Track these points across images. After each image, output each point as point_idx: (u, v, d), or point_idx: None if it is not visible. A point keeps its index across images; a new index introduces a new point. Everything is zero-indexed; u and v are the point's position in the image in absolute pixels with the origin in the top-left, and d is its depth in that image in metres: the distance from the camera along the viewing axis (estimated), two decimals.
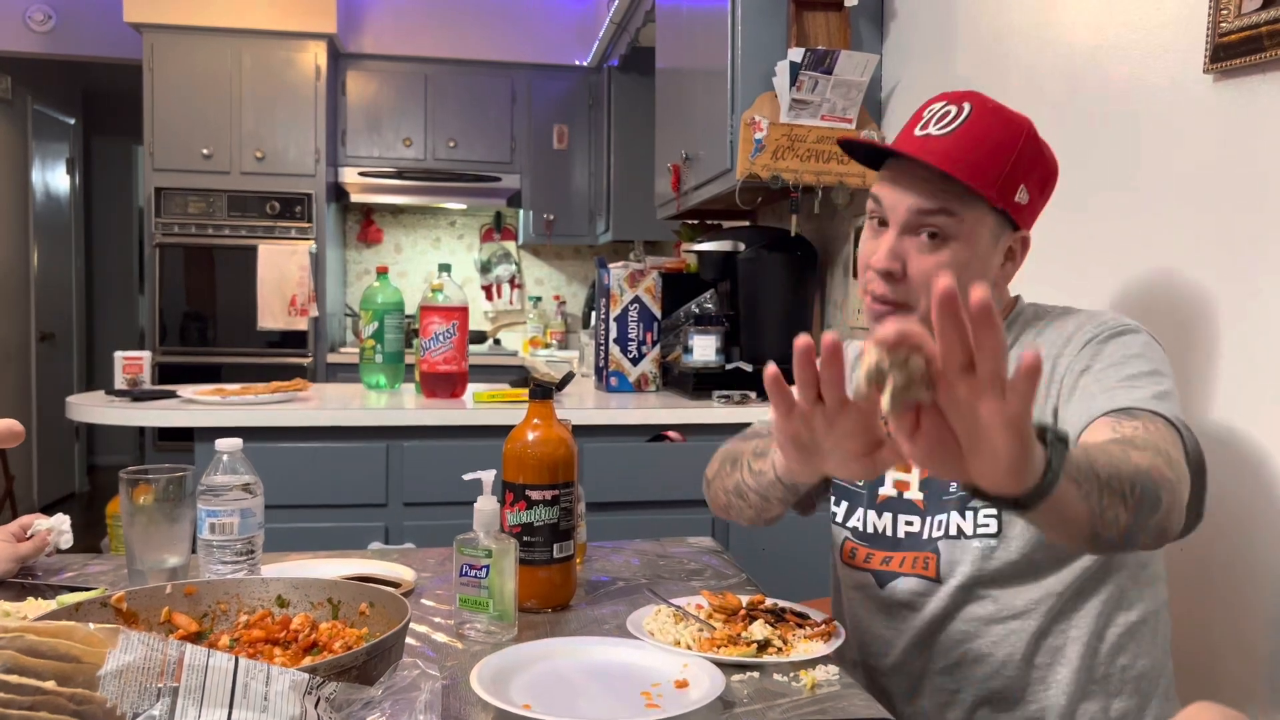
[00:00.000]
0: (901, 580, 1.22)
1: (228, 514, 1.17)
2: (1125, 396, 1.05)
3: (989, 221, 1.14)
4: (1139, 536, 0.93)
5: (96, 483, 6.49)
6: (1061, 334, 1.17)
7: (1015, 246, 1.19)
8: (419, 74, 4.94)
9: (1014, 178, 1.13)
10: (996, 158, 1.13)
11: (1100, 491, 0.86)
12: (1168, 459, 0.95)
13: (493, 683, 0.95)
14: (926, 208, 1.13)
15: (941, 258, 1.13)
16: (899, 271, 1.14)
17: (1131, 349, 1.11)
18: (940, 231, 1.13)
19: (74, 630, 0.66)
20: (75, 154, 6.35)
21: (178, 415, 2.27)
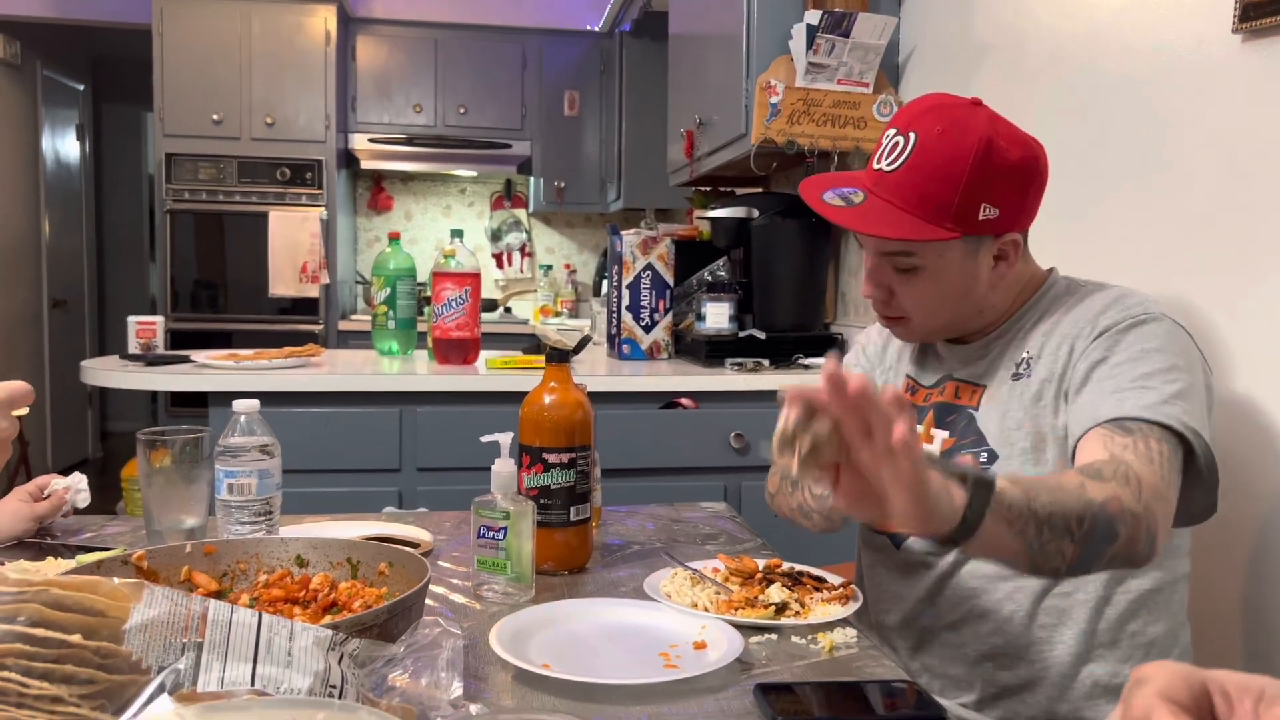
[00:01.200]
0: (914, 540, 1.25)
1: (246, 475, 1.17)
2: (1133, 402, 1.04)
3: (955, 246, 1.16)
4: (1094, 565, 0.96)
5: (109, 448, 6.53)
6: (1085, 315, 1.16)
7: (1005, 248, 1.19)
8: (429, 39, 4.90)
9: (969, 201, 1.13)
10: (943, 189, 1.12)
11: (1038, 528, 0.90)
12: (1137, 487, 0.95)
13: (512, 642, 0.95)
14: (887, 250, 1.19)
15: (920, 286, 1.19)
16: (883, 298, 1.23)
17: (1151, 341, 1.10)
18: (907, 266, 1.18)
19: (99, 584, 0.66)
20: (85, 120, 6.33)
21: (192, 380, 2.27)
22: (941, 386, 1.28)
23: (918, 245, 1.16)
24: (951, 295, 1.19)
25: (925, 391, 1.31)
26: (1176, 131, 1.51)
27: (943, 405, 1.26)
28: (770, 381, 2.42)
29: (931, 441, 1.25)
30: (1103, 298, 1.18)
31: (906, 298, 1.21)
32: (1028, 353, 1.20)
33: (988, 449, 1.19)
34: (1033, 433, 1.16)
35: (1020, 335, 1.22)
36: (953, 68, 2.22)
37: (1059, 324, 1.19)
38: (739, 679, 0.93)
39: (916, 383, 1.33)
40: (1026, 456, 1.16)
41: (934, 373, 1.31)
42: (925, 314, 1.22)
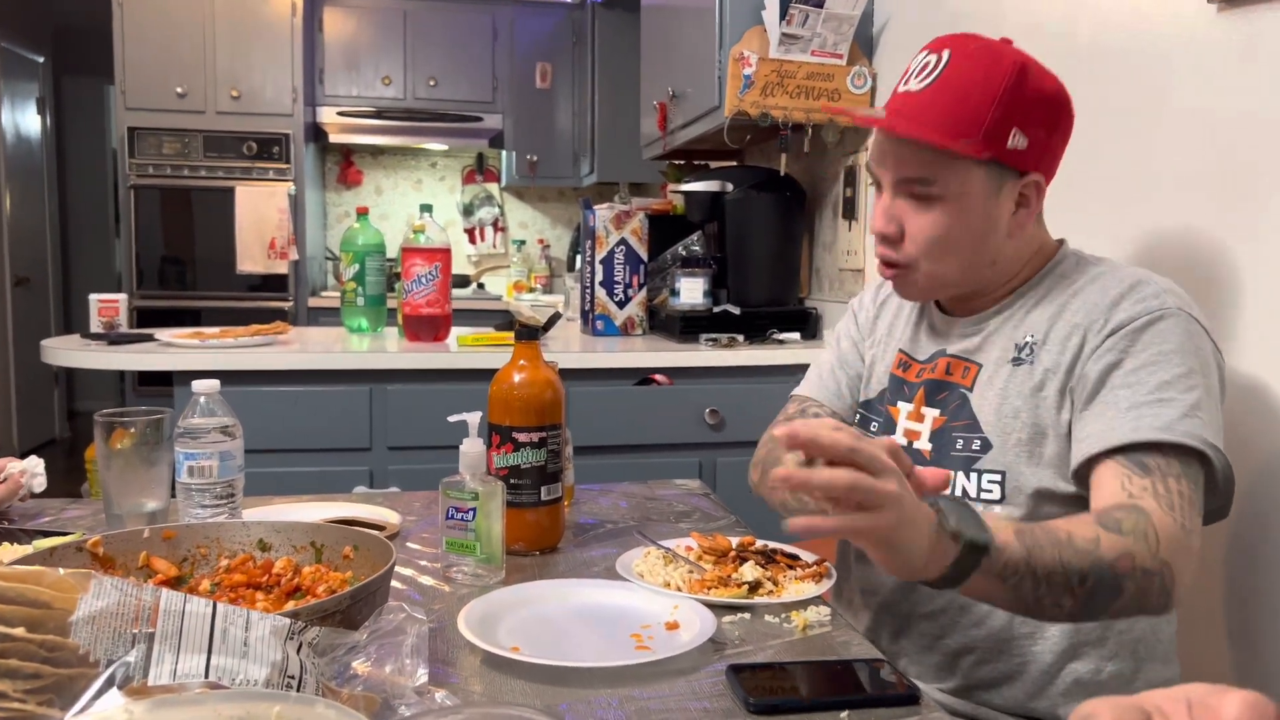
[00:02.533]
0: None
1: (206, 457, 1.14)
2: (1151, 421, 1.00)
3: (978, 175, 1.10)
4: (1097, 616, 0.95)
5: (77, 428, 6.44)
6: (1097, 302, 1.10)
7: (1028, 191, 1.13)
8: (398, 10, 4.82)
9: (1002, 123, 1.08)
10: (977, 106, 1.08)
11: (1035, 584, 0.91)
12: (1155, 543, 0.93)
13: (480, 625, 0.94)
14: (906, 176, 1.13)
15: (933, 217, 1.12)
16: (894, 234, 1.15)
17: (1168, 341, 1.04)
18: (925, 194, 1.12)
19: (42, 575, 0.63)
20: (45, 93, 6.19)
21: (155, 359, 2.23)
22: (934, 362, 1.22)
23: (940, 169, 1.10)
24: (967, 234, 1.12)
25: (918, 366, 1.25)
26: (1154, 102, 1.50)
27: (934, 382, 1.21)
28: (745, 357, 2.41)
29: (922, 420, 1.20)
30: (1116, 284, 1.10)
31: (920, 232, 1.13)
32: (1031, 336, 1.13)
33: (981, 436, 1.13)
34: (1031, 424, 1.10)
35: (1022, 313, 1.16)
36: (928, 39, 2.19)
37: (1066, 307, 1.12)
38: (711, 659, 0.92)
39: (910, 357, 1.27)
40: (1022, 449, 1.10)
41: (928, 347, 1.25)
42: (935, 256, 1.14)
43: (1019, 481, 1.10)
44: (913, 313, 1.30)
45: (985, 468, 1.12)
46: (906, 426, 1.22)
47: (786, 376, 2.41)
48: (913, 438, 1.20)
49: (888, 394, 1.27)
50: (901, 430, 1.22)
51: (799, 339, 2.58)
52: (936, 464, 1.16)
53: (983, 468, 1.12)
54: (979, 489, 1.12)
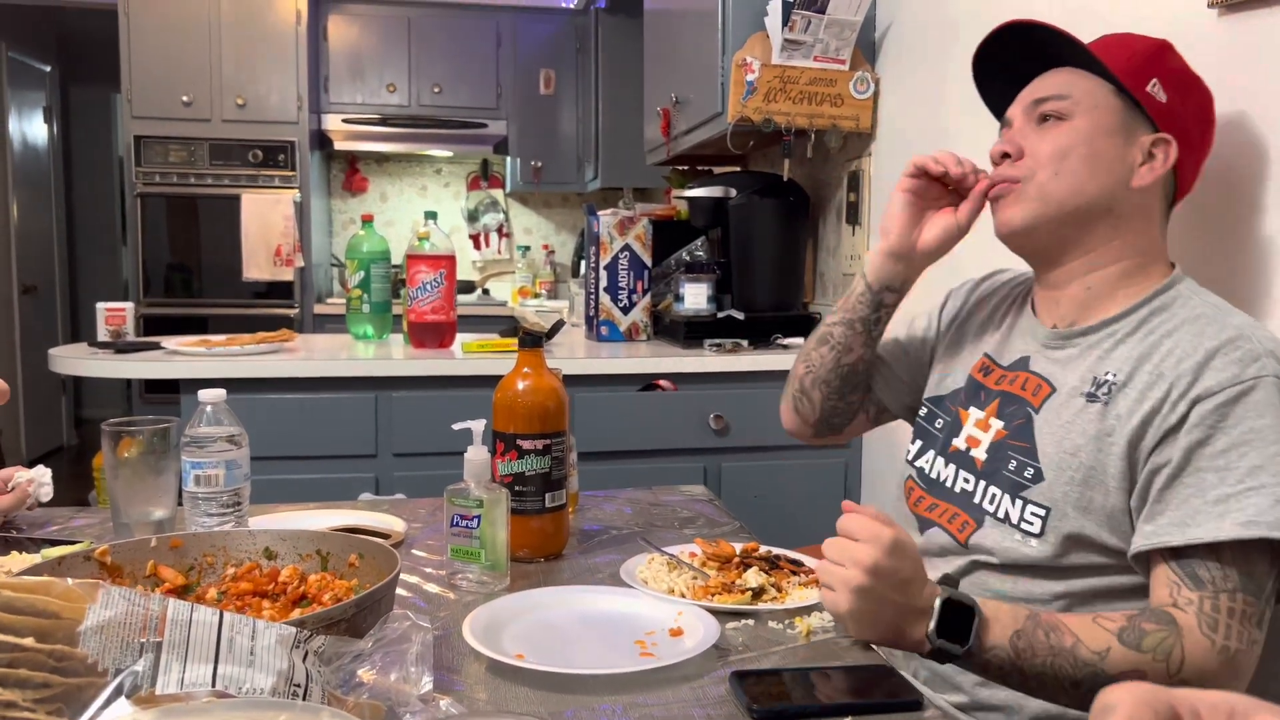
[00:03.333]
0: (936, 531, 1.17)
1: (213, 465, 1.15)
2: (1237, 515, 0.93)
3: (1112, 103, 1.10)
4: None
5: (84, 436, 6.47)
6: (1188, 353, 1.01)
7: (1157, 150, 1.09)
8: (401, 17, 4.84)
9: (1144, 68, 1.10)
10: (1124, 44, 1.12)
11: (1024, 680, 0.94)
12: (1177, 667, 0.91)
13: (485, 633, 0.94)
14: (1040, 95, 1.13)
15: (1060, 132, 1.11)
16: (1016, 151, 1.14)
17: (1263, 416, 0.96)
18: (1055, 113, 1.12)
19: (51, 586, 0.64)
20: (52, 102, 6.23)
21: (162, 367, 2.24)
22: (1016, 374, 1.16)
23: (1076, 87, 1.11)
24: (1088, 158, 1.09)
25: (999, 372, 1.19)
26: None
27: (1008, 395, 1.15)
28: (749, 362, 2.41)
29: (987, 430, 1.15)
30: (1213, 334, 1.01)
31: (1042, 146, 1.11)
32: (1112, 374, 1.05)
33: (1036, 466, 1.08)
34: (1089, 467, 1.04)
35: (1112, 342, 1.09)
36: (929, 44, 2.20)
37: (1156, 348, 1.04)
38: (715, 666, 0.92)
39: (994, 361, 1.20)
40: (1074, 489, 1.04)
41: (1015, 351, 1.19)
42: (1054, 168, 1.10)
43: (1061, 522, 1.05)
44: (1004, 317, 1.25)
45: (1033, 498, 1.07)
46: (970, 433, 1.18)
47: None
48: (973, 444, 1.17)
49: (962, 395, 1.22)
50: (965, 436, 1.18)
51: (803, 344, 2.59)
52: (987, 478, 1.13)
53: (1030, 497, 1.08)
54: (1020, 518, 1.08)
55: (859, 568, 0.91)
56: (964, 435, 1.19)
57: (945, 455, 1.20)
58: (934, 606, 0.93)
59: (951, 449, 1.20)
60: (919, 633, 0.94)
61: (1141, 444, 1.01)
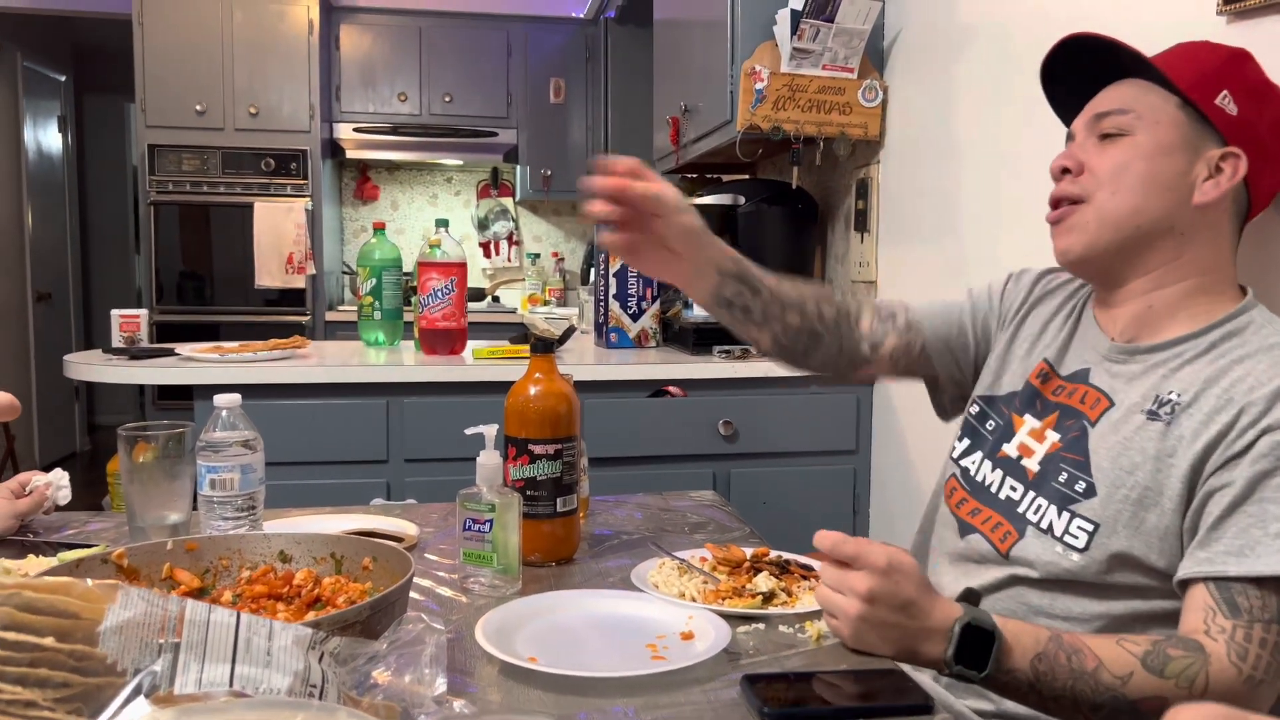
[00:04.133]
0: (977, 538, 1.14)
1: (228, 470, 1.16)
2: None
3: (1176, 116, 1.07)
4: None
5: (97, 441, 6.50)
6: (1261, 380, 0.98)
7: (1225, 165, 1.06)
8: (413, 27, 4.86)
9: (1215, 79, 1.06)
10: (1195, 54, 1.09)
11: (1042, 701, 0.93)
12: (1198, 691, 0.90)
13: (498, 636, 0.95)
14: (1102, 110, 1.11)
15: (1120, 149, 1.08)
16: (1075, 166, 1.12)
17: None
18: (1116, 128, 1.09)
19: (72, 586, 0.65)
20: (67, 111, 6.28)
21: (175, 373, 2.26)
22: (1075, 386, 1.13)
23: (1139, 101, 1.08)
24: (1149, 177, 1.06)
25: (1058, 382, 1.16)
26: None
27: (1066, 408, 1.13)
28: (758, 369, 2.41)
29: (1042, 440, 1.12)
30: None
31: (1102, 164, 1.09)
32: (1177, 394, 1.02)
33: (1089, 480, 1.05)
34: (1145, 486, 1.01)
35: (1178, 362, 1.06)
36: (938, 52, 2.21)
37: (1227, 373, 1.01)
38: (726, 670, 0.93)
39: (1052, 369, 1.17)
40: (1127, 507, 1.02)
41: (1074, 362, 1.16)
42: (1114, 186, 1.07)
43: (1110, 540, 1.02)
44: (1065, 320, 1.21)
45: (1081, 513, 1.05)
46: (1024, 441, 1.15)
47: (799, 388, 2.42)
48: (1025, 454, 1.14)
49: (1018, 400, 1.18)
50: (1017, 443, 1.15)
51: None
52: (1037, 486, 1.10)
53: (1079, 511, 1.05)
54: (1065, 531, 1.06)
55: (856, 596, 0.92)
56: (1016, 442, 1.15)
57: (994, 459, 1.17)
58: (953, 631, 0.92)
59: (1001, 454, 1.16)
60: (934, 652, 0.93)
61: (1205, 467, 0.98)
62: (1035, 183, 1.83)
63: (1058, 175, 1.14)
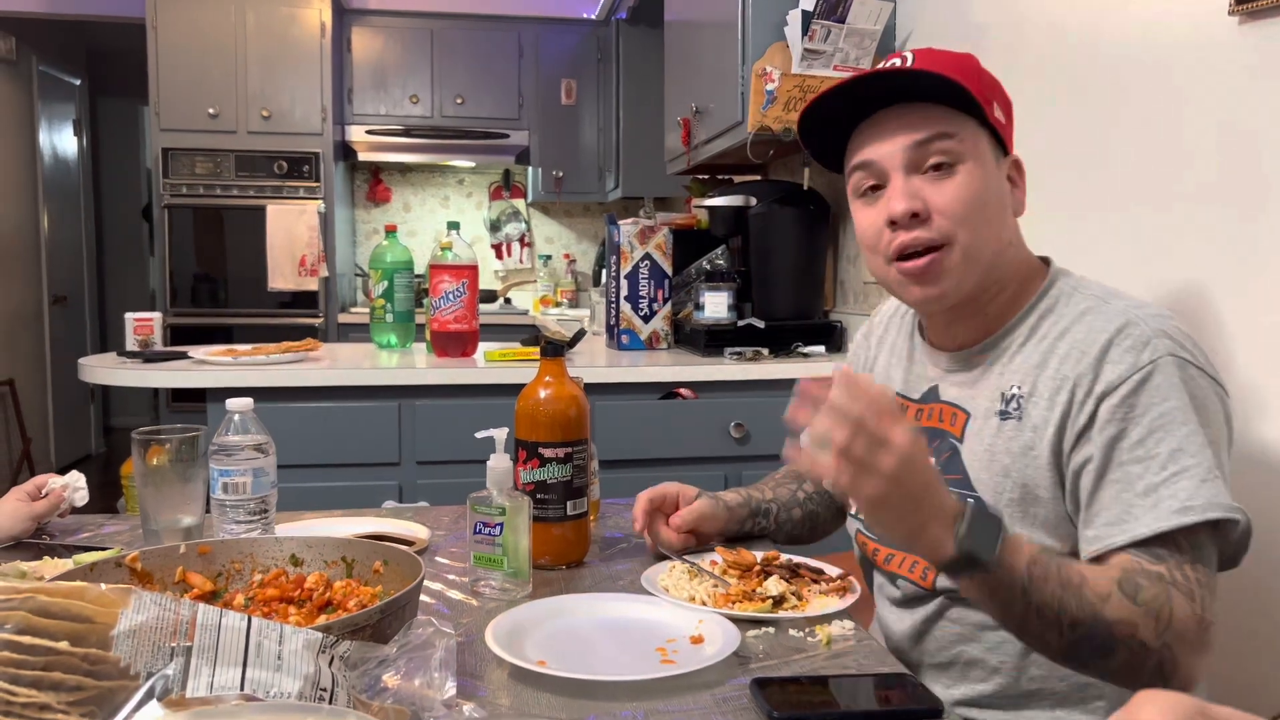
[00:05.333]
0: (903, 581, 1.15)
1: (240, 473, 1.17)
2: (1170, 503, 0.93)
3: (985, 138, 1.06)
4: (1086, 667, 0.93)
5: (112, 444, 6.55)
6: (1085, 350, 1.00)
7: (1013, 173, 1.10)
8: (424, 29, 4.88)
9: (983, 94, 1.04)
10: (965, 74, 1.04)
11: (1027, 609, 0.91)
12: (1166, 624, 0.90)
13: (508, 639, 0.95)
14: (922, 137, 1.03)
15: (961, 181, 1.03)
16: (923, 209, 1.04)
17: (1168, 399, 0.95)
18: (946, 157, 1.03)
19: (85, 591, 0.65)
20: (82, 115, 6.32)
21: (189, 376, 2.27)
22: (929, 407, 1.15)
23: (959, 124, 1.03)
24: (990, 206, 1.05)
25: (914, 408, 1.17)
26: (1175, 114, 1.50)
27: (930, 430, 1.13)
28: (770, 370, 2.41)
29: None
30: (1103, 325, 1.01)
31: (951, 202, 1.03)
32: (1017, 387, 1.05)
33: (974, 495, 1.06)
34: (1021, 485, 1.03)
35: (1009, 354, 1.08)
36: None
37: (1053, 352, 1.04)
38: (736, 673, 0.93)
39: (905, 398, 1.19)
40: (1015, 508, 1.04)
41: (919, 384, 1.18)
42: (973, 223, 1.03)
43: None
44: (901, 351, 1.24)
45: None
46: None
47: None
48: None
49: None
50: None
51: (824, 352, 2.59)
52: None
53: None
54: None
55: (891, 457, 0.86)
56: None
57: None
58: (966, 511, 0.90)
59: None
60: (940, 534, 0.89)
61: (1062, 449, 1.01)
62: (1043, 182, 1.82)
63: (901, 221, 1.04)
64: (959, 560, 0.90)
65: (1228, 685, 1.34)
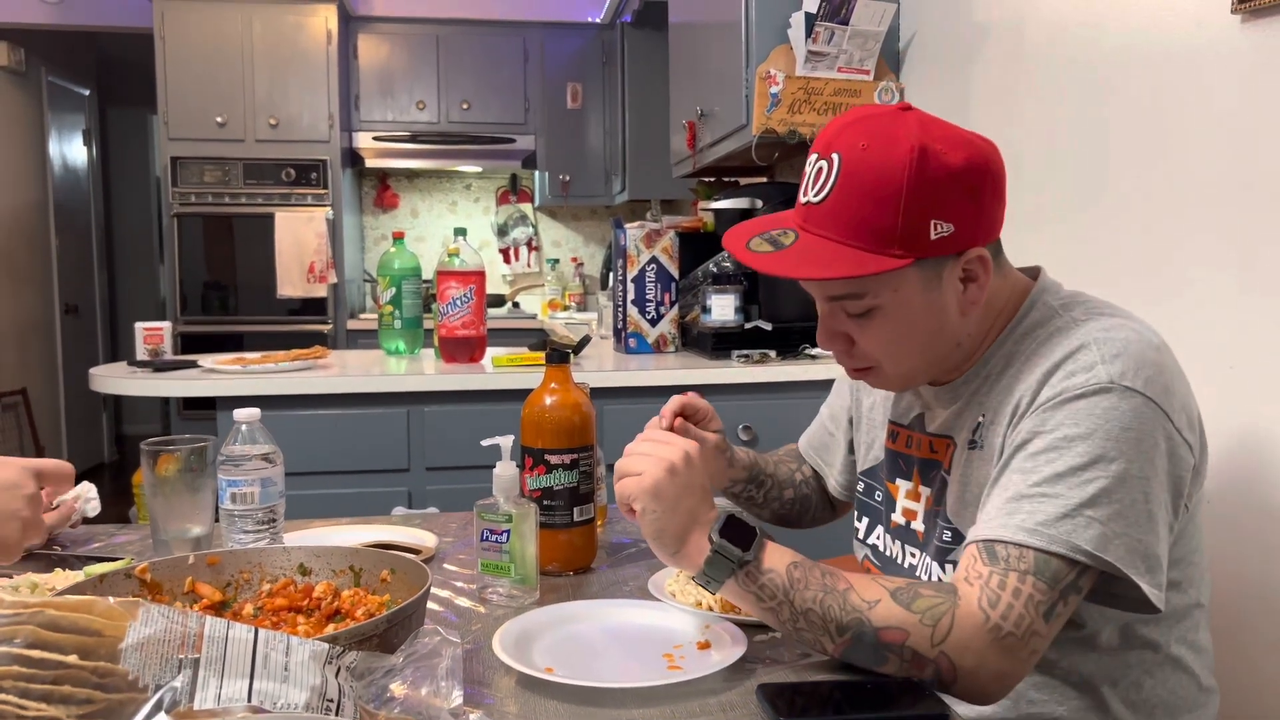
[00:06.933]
0: None
1: (248, 483, 1.17)
2: (1022, 519, 0.91)
3: (910, 275, 0.98)
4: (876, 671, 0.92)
5: (124, 452, 6.58)
6: (1040, 368, 0.98)
7: (971, 267, 1.00)
8: (430, 35, 4.90)
9: (915, 221, 0.95)
10: (882, 212, 0.95)
11: (793, 615, 0.93)
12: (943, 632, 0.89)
13: (515, 647, 0.95)
14: (832, 294, 1.03)
15: (881, 329, 1.02)
16: (844, 347, 1.07)
17: (1081, 423, 0.92)
18: (859, 308, 1.01)
19: (94, 604, 0.66)
20: (91, 125, 6.36)
21: (198, 385, 2.28)
22: (921, 438, 1.13)
23: (866, 282, 0.99)
24: (919, 334, 1.02)
25: (905, 434, 1.16)
26: (1177, 113, 1.50)
27: (925, 461, 1.12)
28: (777, 373, 2.41)
29: (919, 500, 1.12)
30: (1062, 348, 0.98)
31: (869, 344, 1.03)
32: (983, 415, 1.04)
33: (953, 528, 1.05)
34: None
35: (988, 383, 1.05)
36: (953, 53, 2.20)
37: (1018, 377, 1.01)
38: (743, 679, 0.93)
39: (897, 425, 1.18)
40: None
41: (908, 411, 1.16)
42: (895, 360, 1.05)
43: None
44: None
45: (955, 559, 1.04)
46: (906, 505, 1.14)
47: (819, 392, 2.40)
48: (910, 517, 1.14)
49: (885, 469, 1.19)
50: (901, 509, 1.15)
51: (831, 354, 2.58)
52: (924, 549, 1.10)
53: (952, 559, 1.04)
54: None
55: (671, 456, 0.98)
56: (900, 509, 1.15)
57: (891, 531, 1.17)
58: (719, 517, 0.97)
59: (894, 524, 1.16)
60: (702, 542, 0.96)
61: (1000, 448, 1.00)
62: (1047, 184, 1.82)
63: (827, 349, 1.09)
64: (714, 560, 0.94)
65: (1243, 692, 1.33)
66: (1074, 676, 1.03)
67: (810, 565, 0.95)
